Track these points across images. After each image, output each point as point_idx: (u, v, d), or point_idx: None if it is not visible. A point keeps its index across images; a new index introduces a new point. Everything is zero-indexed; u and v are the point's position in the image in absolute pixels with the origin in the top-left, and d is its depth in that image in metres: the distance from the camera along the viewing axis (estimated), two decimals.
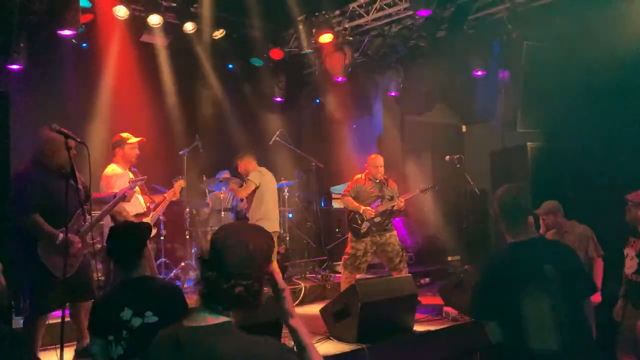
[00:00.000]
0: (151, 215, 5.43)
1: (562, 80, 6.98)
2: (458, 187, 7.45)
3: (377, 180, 6.38)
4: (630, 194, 4.61)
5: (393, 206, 6.23)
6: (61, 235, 3.92)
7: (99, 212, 4.60)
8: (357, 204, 6.27)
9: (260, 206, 6.58)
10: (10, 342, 2.00)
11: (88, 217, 4.22)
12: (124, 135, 5.28)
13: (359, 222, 6.27)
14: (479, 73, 7.99)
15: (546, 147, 7.34)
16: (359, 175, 6.55)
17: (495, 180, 7.73)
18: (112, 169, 5.20)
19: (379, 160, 6.42)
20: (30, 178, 4.04)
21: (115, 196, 4.56)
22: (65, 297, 3.81)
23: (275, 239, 6.28)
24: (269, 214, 6.57)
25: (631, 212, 4.60)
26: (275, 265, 5.97)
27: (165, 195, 5.69)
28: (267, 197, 6.62)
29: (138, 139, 5.31)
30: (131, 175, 5.22)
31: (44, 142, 4.08)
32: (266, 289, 1.81)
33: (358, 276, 6.30)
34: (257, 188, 6.58)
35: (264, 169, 6.86)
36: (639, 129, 6.31)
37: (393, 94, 8.96)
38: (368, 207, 6.22)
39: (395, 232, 6.44)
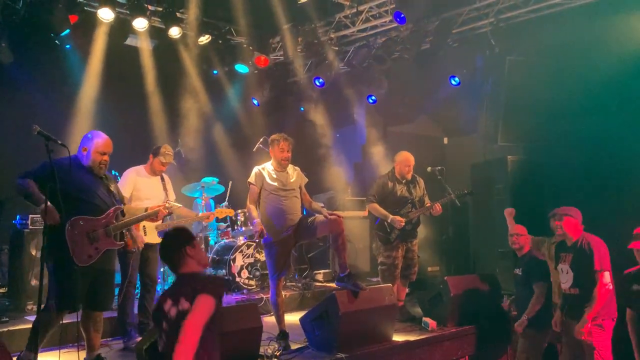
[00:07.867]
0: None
1: (543, 94, 7.10)
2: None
3: (404, 180, 5.83)
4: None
5: (426, 212, 5.74)
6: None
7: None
8: (385, 212, 5.66)
9: None
10: None
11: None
12: (166, 149, 5.37)
13: (388, 230, 5.74)
14: (455, 81, 7.89)
15: (526, 161, 7.45)
16: (382, 177, 5.95)
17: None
18: (135, 170, 5.32)
19: (411, 158, 5.85)
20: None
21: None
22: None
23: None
24: None
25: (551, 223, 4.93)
26: None
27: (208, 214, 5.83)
28: None
29: (171, 161, 5.43)
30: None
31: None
32: None
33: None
34: None
35: None
36: (619, 144, 6.45)
37: (375, 103, 9.03)
38: (397, 216, 5.64)
39: (417, 240, 6.02)
